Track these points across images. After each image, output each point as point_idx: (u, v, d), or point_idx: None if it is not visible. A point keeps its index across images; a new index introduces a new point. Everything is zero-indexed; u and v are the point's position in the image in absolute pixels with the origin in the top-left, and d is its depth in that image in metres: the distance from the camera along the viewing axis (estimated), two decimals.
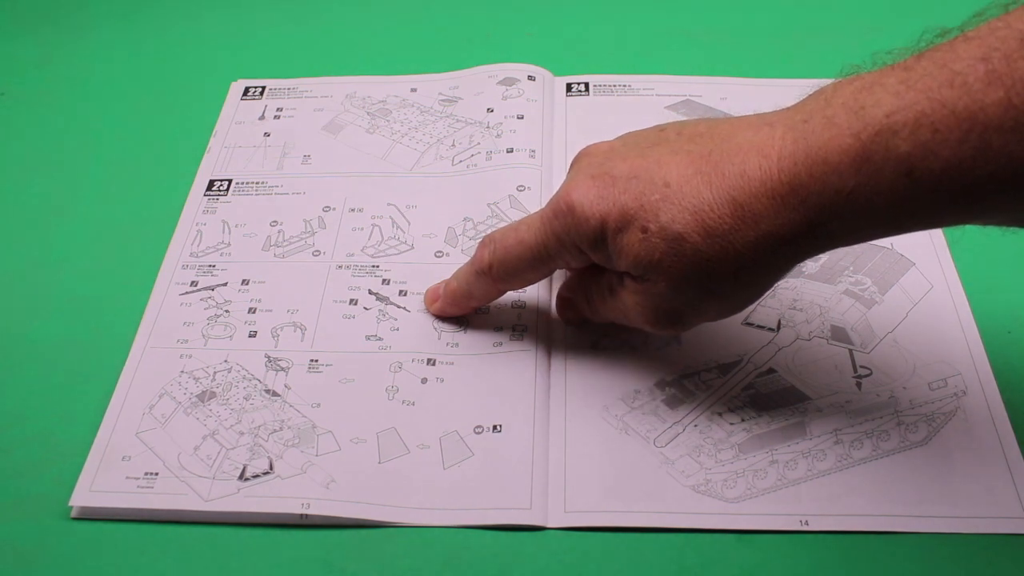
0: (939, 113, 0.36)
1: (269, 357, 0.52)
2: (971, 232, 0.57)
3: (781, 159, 0.39)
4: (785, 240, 0.40)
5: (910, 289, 0.55)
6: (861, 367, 0.51)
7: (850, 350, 0.52)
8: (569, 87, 0.68)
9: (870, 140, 0.37)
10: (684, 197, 0.41)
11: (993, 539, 0.45)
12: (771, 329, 0.53)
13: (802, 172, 0.39)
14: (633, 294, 0.45)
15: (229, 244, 0.58)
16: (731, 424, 0.49)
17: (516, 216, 0.57)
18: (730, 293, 0.44)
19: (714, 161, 0.41)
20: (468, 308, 0.53)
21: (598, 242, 0.44)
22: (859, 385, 0.50)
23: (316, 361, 0.52)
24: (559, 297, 0.53)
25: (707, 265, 0.42)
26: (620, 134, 0.48)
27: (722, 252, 0.41)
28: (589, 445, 0.48)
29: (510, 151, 0.63)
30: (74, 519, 0.46)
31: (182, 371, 0.52)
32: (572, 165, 0.48)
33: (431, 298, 0.54)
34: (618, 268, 0.45)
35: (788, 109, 0.41)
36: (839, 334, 0.53)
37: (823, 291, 0.54)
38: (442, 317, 0.54)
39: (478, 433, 0.49)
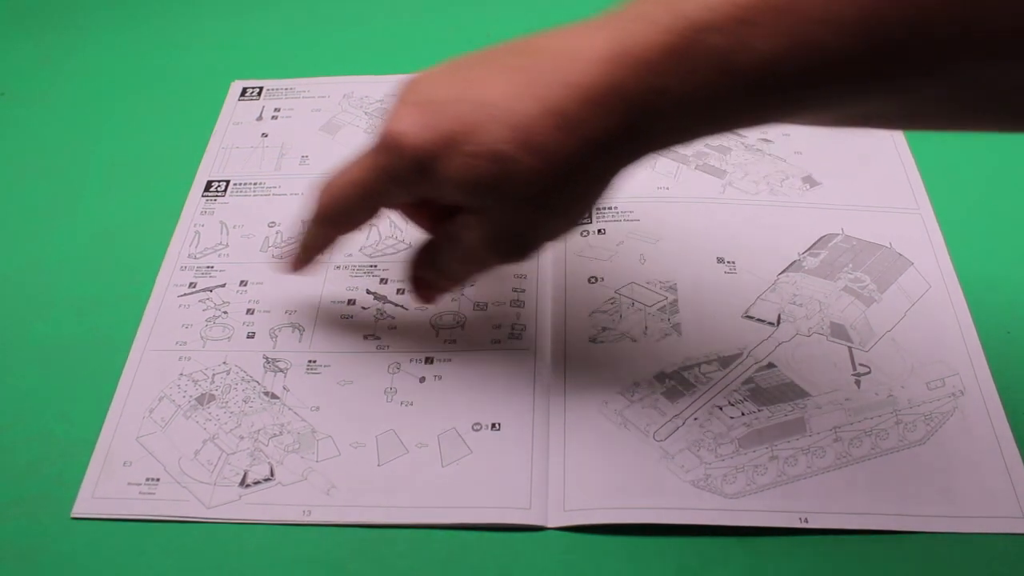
0: (754, 4, 0.35)
1: (267, 358, 0.52)
2: (970, 232, 0.58)
3: (601, 62, 0.38)
4: (607, 146, 0.39)
5: (908, 288, 0.54)
6: (860, 365, 0.51)
7: (849, 348, 0.52)
8: None
9: (686, 35, 0.36)
10: (510, 114, 0.40)
11: (990, 539, 0.45)
12: (771, 323, 0.53)
13: (620, 73, 0.37)
14: (474, 229, 0.44)
15: (227, 245, 0.58)
16: (731, 418, 0.49)
17: None
18: (563, 207, 0.42)
19: (536, 73, 0.40)
20: (310, 260, 0.50)
21: (424, 171, 0.42)
22: (858, 383, 0.50)
23: (314, 362, 0.52)
24: (410, 279, 0.50)
25: (536, 180, 0.40)
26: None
27: (548, 166, 0.40)
28: (588, 441, 0.48)
29: None
30: (74, 519, 0.46)
31: (181, 373, 0.52)
32: (396, 96, 0.45)
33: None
34: (447, 198, 0.43)
35: (607, 11, 0.40)
36: (838, 331, 0.53)
37: (823, 287, 0.54)
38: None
39: (476, 431, 0.49)
